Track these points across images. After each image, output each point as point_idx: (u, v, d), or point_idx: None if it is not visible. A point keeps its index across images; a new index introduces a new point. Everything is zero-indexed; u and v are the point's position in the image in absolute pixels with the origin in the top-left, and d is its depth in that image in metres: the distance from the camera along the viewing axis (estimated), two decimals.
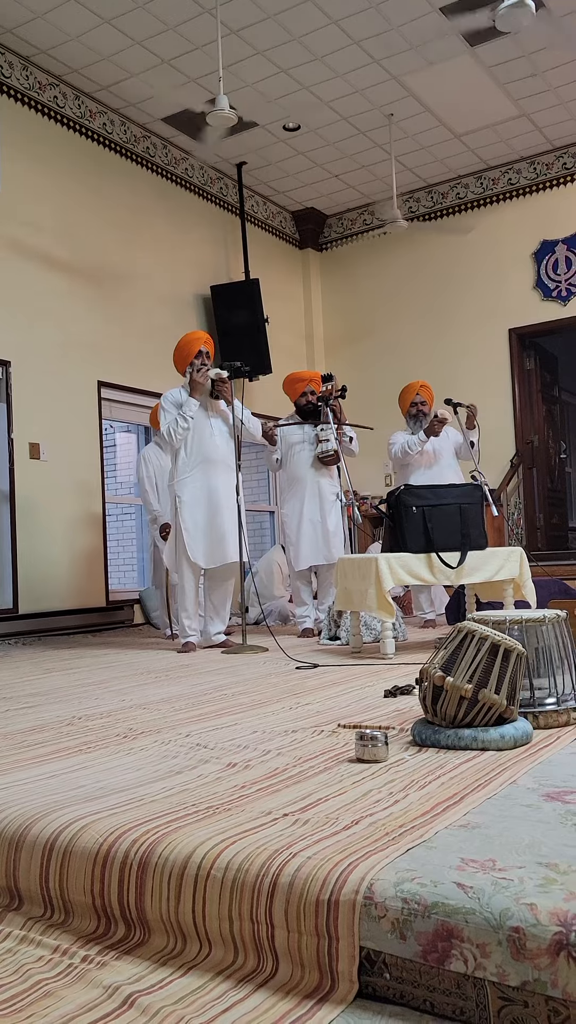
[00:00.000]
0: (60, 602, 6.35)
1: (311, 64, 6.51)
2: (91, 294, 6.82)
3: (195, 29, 6.03)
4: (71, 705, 3.04)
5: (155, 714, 2.76)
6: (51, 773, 2.00)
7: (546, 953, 1.08)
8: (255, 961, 1.30)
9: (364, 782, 1.79)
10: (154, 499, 5.93)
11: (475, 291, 8.50)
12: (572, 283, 7.99)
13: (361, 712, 2.64)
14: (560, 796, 1.61)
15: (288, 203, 9.01)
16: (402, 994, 1.19)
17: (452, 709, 2.03)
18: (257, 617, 6.66)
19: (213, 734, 2.37)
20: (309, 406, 5.57)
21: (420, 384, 5.94)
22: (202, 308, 7.99)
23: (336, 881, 1.26)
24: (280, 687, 3.25)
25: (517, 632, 2.24)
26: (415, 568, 4.13)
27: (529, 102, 7.19)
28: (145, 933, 1.41)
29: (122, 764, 2.06)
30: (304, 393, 5.61)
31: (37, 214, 6.44)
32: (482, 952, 1.12)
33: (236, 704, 2.89)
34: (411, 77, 6.75)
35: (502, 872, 1.23)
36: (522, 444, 8.26)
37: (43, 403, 6.32)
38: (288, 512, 5.56)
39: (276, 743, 2.21)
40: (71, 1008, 1.21)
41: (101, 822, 1.57)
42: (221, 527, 4.84)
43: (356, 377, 8.97)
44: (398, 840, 1.39)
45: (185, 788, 1.80)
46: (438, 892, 1.19)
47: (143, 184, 7.47)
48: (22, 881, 1.57)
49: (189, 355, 5.02)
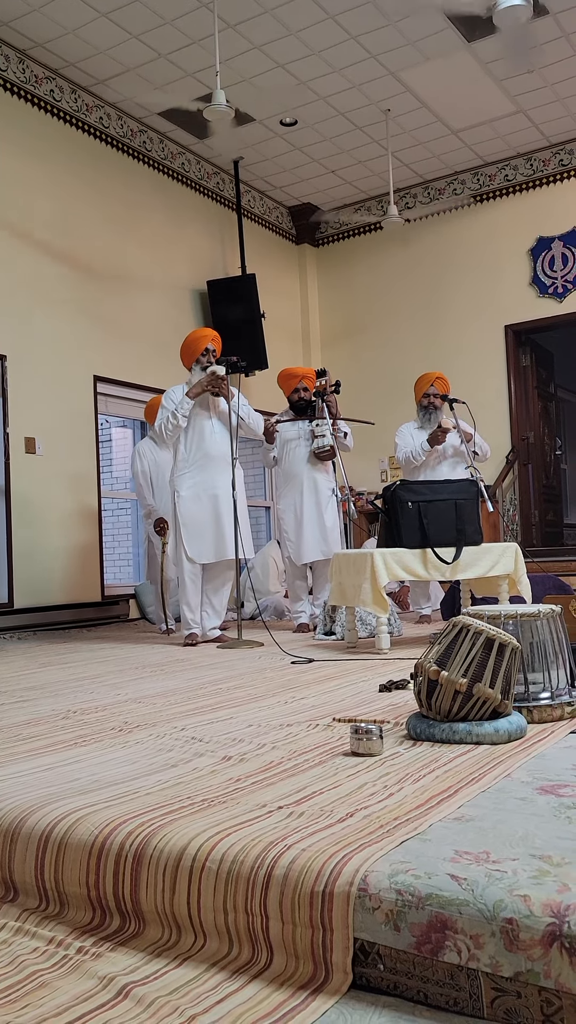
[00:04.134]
0: (55, 597, 6.35)
1: (308, 59, 6.50)
2: (87, 288, 6.81)
3: (192, 23, 6.01)
4: (66, 699, 3.05)
5: (150, 708, 2.76)
6: (46, 766, 2.00)
7: (539, 944, 1.08)
8: (249, 952, 1.31)
9: (359, 775, 1.79)
10: (149, 494, 5.93)
11: (471, 287, 8.50)
12: (568, 280, 8.00)
13: (356, 706, 2.65)
14: (554, 789, 1.62)
15: (285, 198, 9.00)
16: (396, 985, 1.20)
17: (447, 703, 2.04)
18: (253, 612, 6.66)
19: (208, 728, 2.38)
20: (302, 402, 5.57)
21: (436, 376, 5.82)
22: (198, 303, 7.98)
23: (331, 873, 1.27)
24: (275, 681, 3.25)
25: (512, 627, 2.25)
26: (410, 563, 4.14)
27: (526, 98, 7.19)
28: (140, 925, 1.42)
29: (117, 757, 2.06)
30: (297, 389, 5.60)
31: (33, 208, 6.42)
32: (476, 943, 1.13)
33: (231, 698, 2.90)
34: (408, 73, 6.74)
35: (496, 864, 1.24)
36: (518, 440, 8.27)
37: (39, 397, 6.31)
38: (284, 508, 5.56)
39: (271, 737, 2.22)
40: (66, 999, 1.22)
41: (96, 814, 1.57)
42: (220, 523, 4.85)
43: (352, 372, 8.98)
44: (392, 832, 1.39)
45: (180, 781, 1.80)
46: (432, 884, 1.19)
47: (140, 178, 7.45)
48: (17, 873, 1.57)
49: (196, 352, 5.02)
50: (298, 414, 5.58)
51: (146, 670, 3.81)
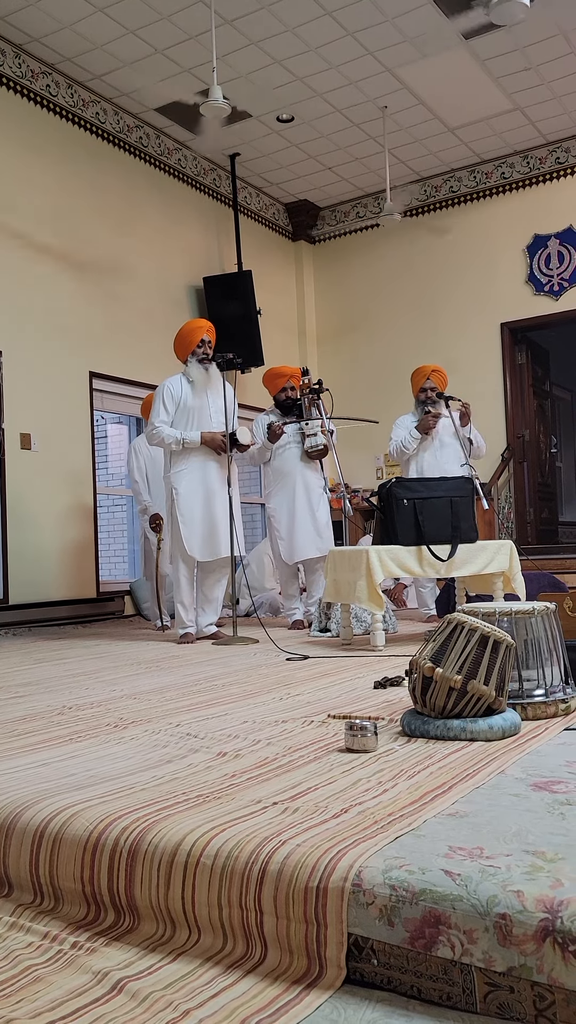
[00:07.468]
0: (51, 593, 6.35)
1: (305, 55, 6.49)
2: (83, 284, 6.80)
3: (189, 18, 6.00)
4: (62, 695, 3.05)
5: (145, 704, 2.77)
6: (42, 761, 2.00)
7: (532, 939, 1.09)
8: (244, 947, 1.31)
9: (353, 771, 1.80)
10: (144, 490, 5.92)
11: (467, 285, 8.51)
12: (564, 277, 8.01)
13: (351, 703, 2.65)
14: (547, 786, 1.62)
15: (281, 195, 8.99)
16: (389, 980, 1.20)
17: (441, 700, 2.05)
18: (248, 609, 6.66)
19: (203, 724, 2.38)
20: (289, 401, 5.58)
21: (432, 368, 5.74)
22: (195, 299, 7.97)
23: (325, 868, 1.27)
24: (270, 678, 3.26)
25: (507, 624, 2.26)
26: (406, 560, 4.14)
27: (523, 96, 7.19)
28: (135, 920, 1.42)
29: (112, 753, 2.06)
30: (284, 388, 5.60)
31: (29, 203, 6.40)
32: (469, 938, 1.14)
33: (226, 695, 2.90)
34: (405, 69, 6.74)
35: (489, 860, 1.24)
36: (513, 438, 8.28)
37: (34, 393, 6.30)
38: (276, 506, 5.55)
39: (266, 733, 2.22)
40: (61, 993, 1.22)
41: (91, 810, 1.58)
42: (217, 520, 4.85)
43: (348, 369, 9.00)
44: (387, 828, 1.40)
45: (175, 777, 1.81)
46: (426, 879, 1.20)
47: (136, 174, 7.43)
48: (12, 868, 1.57)
49: (191, 344, 5.00)
50: (285, 413, 5.59)
51: (141, 666, 3.81)
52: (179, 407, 4.94)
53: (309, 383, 5.40)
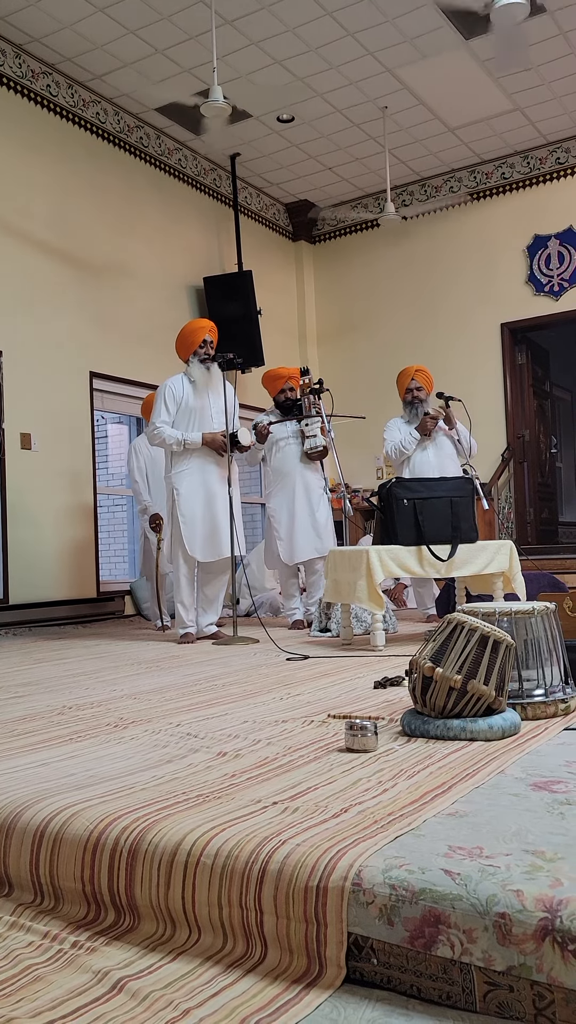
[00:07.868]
0: (50, 593, 6.35)
1: (305, 55, 6.49)
2: (84, 284, 6.80)
3: (189, 19, 6.00)
4: (62, 695, 3.05)
5: (146, 704, 2.77)
6: (42, 761, 2.01)
7: (532, 938, 1.09)
8: (244, 947, 1.31)
9: (353, 771, 1.80)
10: (144, 490, 5.92)
11: (467, 285, 8.51)
12: (564, 278, 8.01)
13: (351, 703, 2.65)
14: (547, 786, 1.62)
15: (281, 195, 8.99)
16: (389, 979, 1.20)
17: (441, 700, 2.05)
18: (248, 608, 6.66)
19: (203, 724, 2.38)
20: (289, 401, 5.58)
21: (416, 368, 5.75)
22: (195, 299, 7.97)
23: (325, 868, 1.27)
24: (271, 678, 3.26)
25: (507, 624, 2.26)
26: (406, 560, 4.15)
27: (523, 96, 7.19)
28: (135, 919, 1.42)
29: (112, 753, 2.07)
30: (283, 389, 5.61)
31: (30, 203, 6.40)
32: (468, 938, 1.14)
33: (227, 694, 2.90)
34: (405, 70, 6.74)
35: (489, 859, 1.24)
36: (513, 438, 8.28)
37: (34, 393, 6.30)
38: (276, 507, 5.55)
39: (266, 733, 2.22)
40: (61, 992, 1.22)
41: (91, 809, 1.58)
42: (218, 521, 4.85)
43: (348, 369, 9.00)
44: (387, 828, 1.40)
45: (175, 777, 1.81)
46: (426, 879, 1.20)
47: (136, 174, 7.44)
48: (12, 868, 1.58)
49: (193, 344, 5.00)
50: (284, 413, 5.59)
51: (141, 666, 3.82)
52: (180, 407, 4.94)
53: (309, 383, 5.40)
